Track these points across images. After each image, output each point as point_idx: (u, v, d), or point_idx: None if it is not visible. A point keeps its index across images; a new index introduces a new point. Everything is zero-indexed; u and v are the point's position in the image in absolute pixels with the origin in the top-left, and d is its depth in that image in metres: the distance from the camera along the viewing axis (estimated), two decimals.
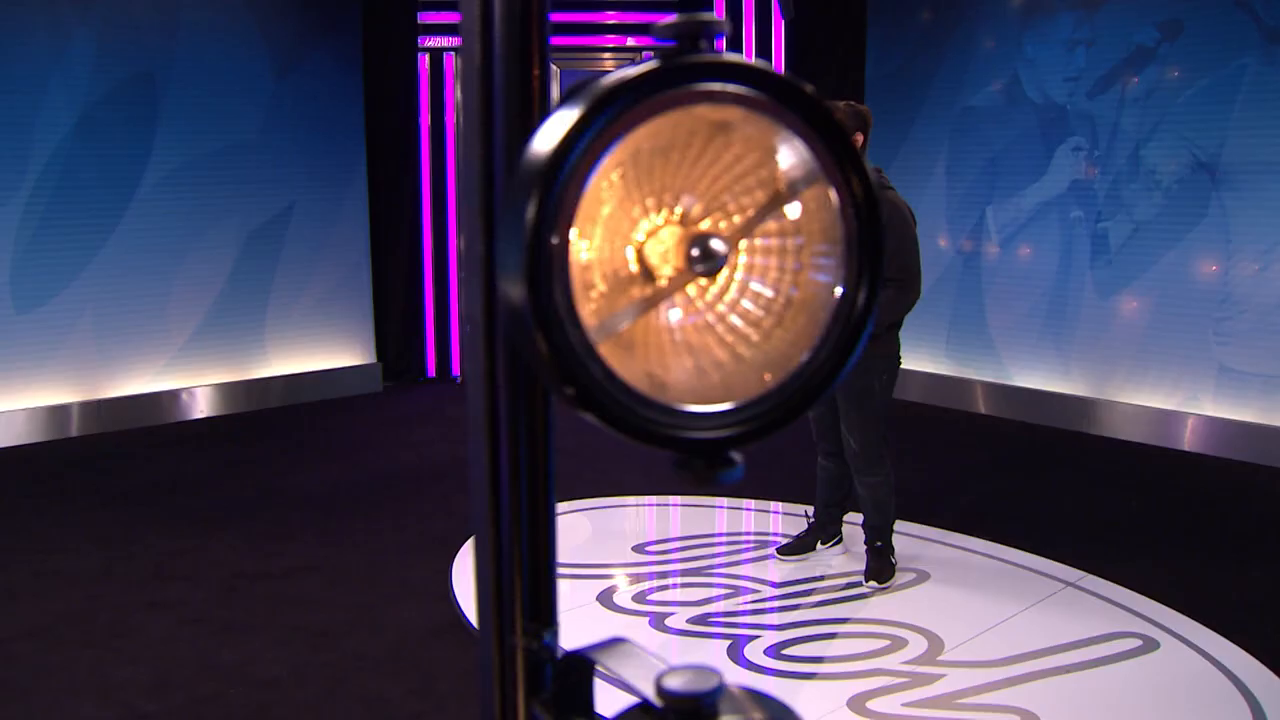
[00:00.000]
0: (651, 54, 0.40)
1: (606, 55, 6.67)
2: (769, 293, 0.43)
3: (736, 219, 0.42)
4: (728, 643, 2.83)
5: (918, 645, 2.78)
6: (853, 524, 3.45)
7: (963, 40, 5.66)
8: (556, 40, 6.50)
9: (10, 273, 5.00)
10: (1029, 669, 2.65)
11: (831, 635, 2.89)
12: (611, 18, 6.54)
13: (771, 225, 0.42)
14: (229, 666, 2.74)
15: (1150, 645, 2.79)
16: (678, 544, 3.68)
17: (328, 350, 6.12)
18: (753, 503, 4.09)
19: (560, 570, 2.59)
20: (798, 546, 3.39)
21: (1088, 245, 5.22)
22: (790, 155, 0.41)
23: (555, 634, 0.48)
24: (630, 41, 6.56)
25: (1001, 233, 5.59)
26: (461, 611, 3.05)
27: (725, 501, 4.11)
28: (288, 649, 2.84)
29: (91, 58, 5.11)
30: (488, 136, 0.47)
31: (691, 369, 0.41)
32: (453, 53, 6.37)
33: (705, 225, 0.42)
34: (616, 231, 0.40)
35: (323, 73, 5.89)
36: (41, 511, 4.07)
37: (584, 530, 3.90)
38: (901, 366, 3.20)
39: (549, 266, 0.36)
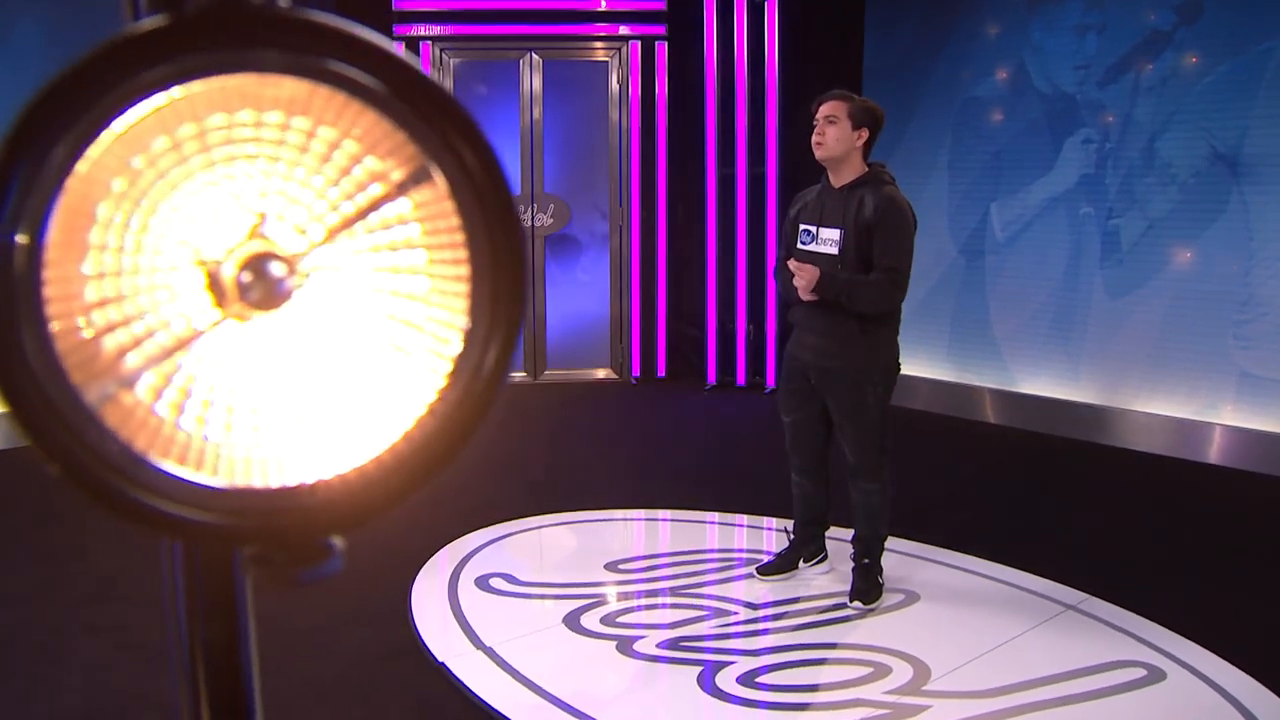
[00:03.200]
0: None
1: (598, 45, 6.60)
2: (379, 333, 0.34)
3: (328, 230, 0.33)
4: (698, 669, 2.74)
5: (902, 673, 2.69)
6: (840, 540, 3.36)
7: (965, 27, 5.58)
8: (541, 29, 6.43)
9: None
10: (1022, 700, 2.56)
11: (810, 661, 2.81)
12: (602, 4, 6.47)
13: (384, 239, 0.33)
14: (165, 695, 2.67)
15: (1156, 676, 2.69)
16: (654, 562, 3.60)
17: None
18: (745, 518, 4.01)
19: (528, 590, 2.49)
20: (779, 565, 3.30)
21: (1098, 243, 5.14)
22: (394, 143, 0.32)
23: None
24: (624, 30, 6.49)
25: (1006, 230, 5.50)
26: (419, 635, 2.98)
27: (716, 517, 4.04)
28: None
29: (39, 46, 5.05)
30: None
31: (270, 434, 0.32)
32: (430, 41, 6.31)
33: (297, 243, 0.33)
34: (159, 244, 0.31)
35: None
36: None
37: (557, 546, 3.82)
38: (900, 373, 3.10)
39: (6, 289, 0.26)
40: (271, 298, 0.32)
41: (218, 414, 0.32)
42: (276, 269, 0.32)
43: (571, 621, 3.03)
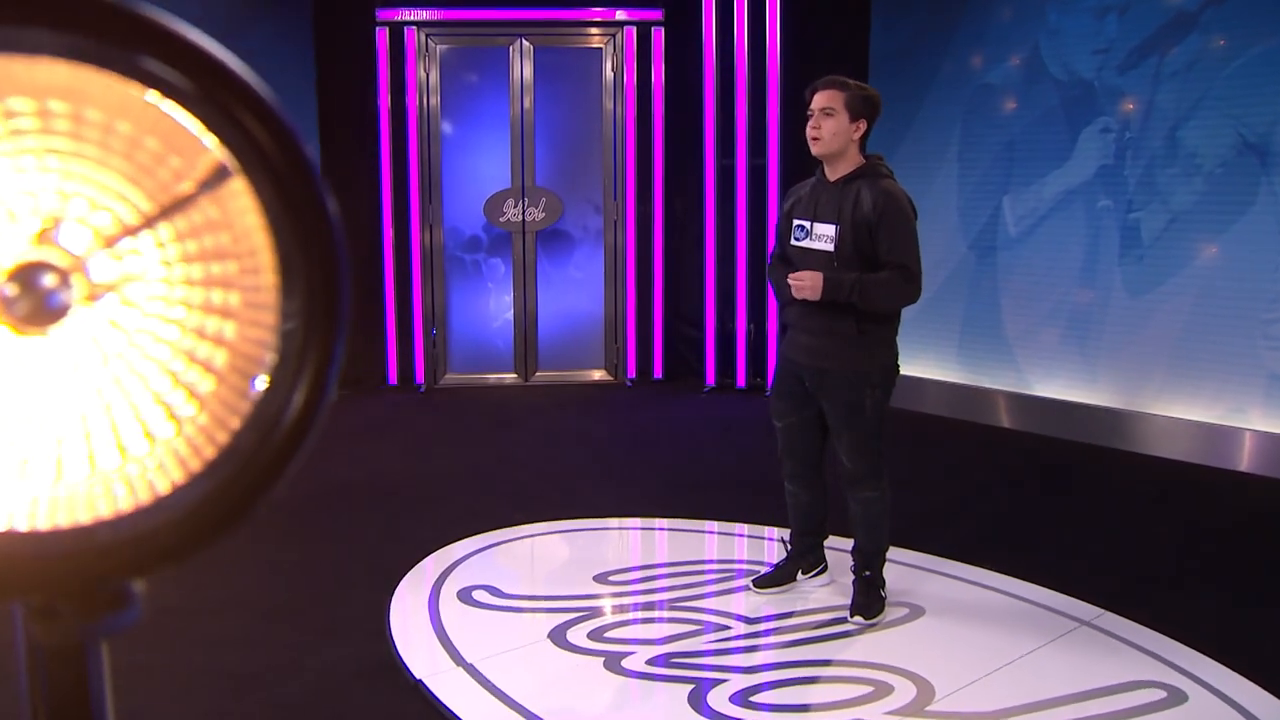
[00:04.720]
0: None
1: (592, 31, 6.58)
2: (177, 357, 0.30)
3: (119, 232, 0.30)
4: (690, 687, 2.71)
5: (905, 692, 2.66)
6: (840, 550, 3.33)
7: (977, 9, 5.55)
8: (532, 14, 6.42)
9: None
10: None
11: (807, 679, 2.78)
12: None
13: (193, 249, 0.29)
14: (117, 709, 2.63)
15: (1177, 697, 2.65)
16: (647, 573, 3.57)
17: None
18: (744, 527, 3.98)
19: (513, 603, 2.45)
20: (776, 577, 3.27)
21: (1117, 238, 5.11)
22: (187, 135, 0.29)
23: None
24: (619, 15, 6.46)
25: (1020, 225, 5.48)
26: (397, 652, 2.95)
27: (714, 526, 4.01)
28: (196, 697, 2.74)
29: None
30: None
31: (42, 470, 0.28)
32: (415, 27, 6.28)
33: (89, 250, 0.29)
34: None
35: (268, 50, 5.81)
36: None
37: (546, 557, 3.80)
38: (901, 374, 3.08)
39: None
40: (41, 314, 0.29)
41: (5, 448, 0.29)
42: (47, 281, 0.29)
43: (558, 636, 3.00)
